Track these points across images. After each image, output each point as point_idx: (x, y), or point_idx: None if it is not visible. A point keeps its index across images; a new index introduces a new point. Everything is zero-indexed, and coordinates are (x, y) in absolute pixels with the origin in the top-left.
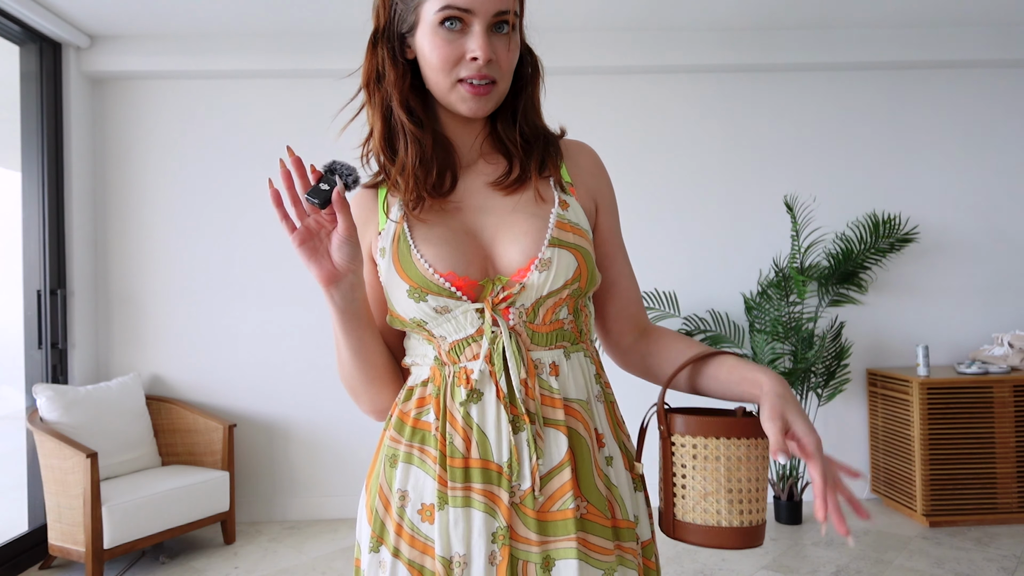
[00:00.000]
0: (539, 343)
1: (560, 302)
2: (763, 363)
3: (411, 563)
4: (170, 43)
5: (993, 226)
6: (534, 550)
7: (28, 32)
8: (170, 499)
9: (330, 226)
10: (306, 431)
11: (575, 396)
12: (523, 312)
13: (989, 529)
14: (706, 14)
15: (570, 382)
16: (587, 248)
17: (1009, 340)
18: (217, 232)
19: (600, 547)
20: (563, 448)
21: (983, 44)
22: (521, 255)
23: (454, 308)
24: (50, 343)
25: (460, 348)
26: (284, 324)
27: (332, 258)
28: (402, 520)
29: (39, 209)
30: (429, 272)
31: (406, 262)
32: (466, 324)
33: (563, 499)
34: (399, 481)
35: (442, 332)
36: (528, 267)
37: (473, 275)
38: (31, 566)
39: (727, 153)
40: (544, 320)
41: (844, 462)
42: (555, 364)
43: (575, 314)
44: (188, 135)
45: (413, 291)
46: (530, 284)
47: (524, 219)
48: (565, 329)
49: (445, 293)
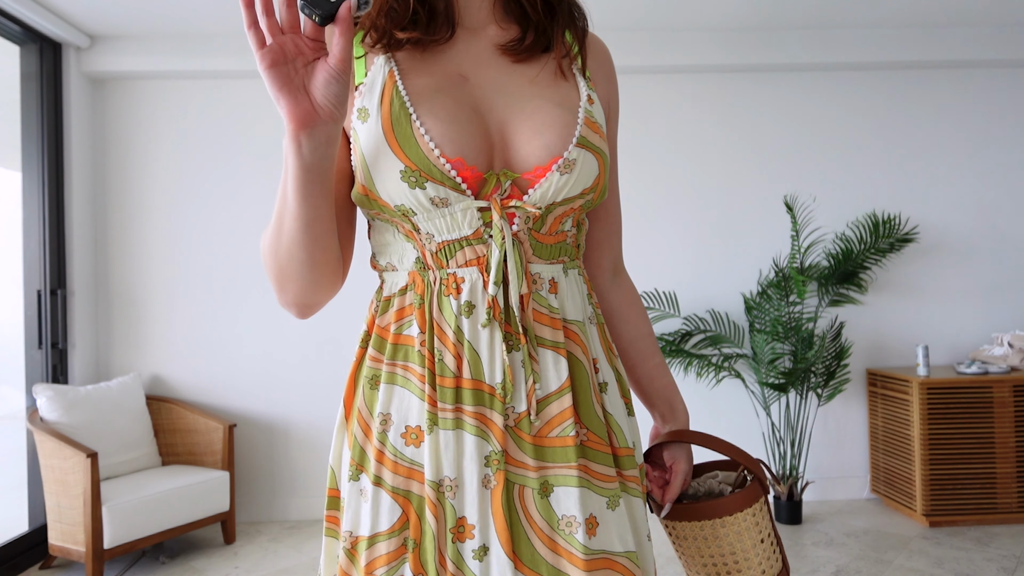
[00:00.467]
0: (541, 255)
1: (570, 212)
2: (763, 363)
3: (395, 490)
4: (170, 43)
5: (993, 226)
6: (531, 475)
7: (28, 32)
8: (170, 499)
9: (310, 54)
10: (306, 431)
11: (573, 317)
12: (530, 218)
13: (989, 529)
14: (706, 14)
15: (568, 301)
16: (607, 153)
17: (1009, 340)
18: (217, 232)
19: (603, 475)
20: (563, 373)
21: (983, 44)
22: (544, 151)
23: (454, 202)
24: (50, 343)
25: (450, 251)
26: (284, 324)
27: (312, 95)
28: (383, 446)
29: (39, 209)
30: (435, 155)
31: (405, 136)
32: (463, 223)
33: (562, 426)
34: (381, 404)
35: (431, 228)
36: (549, 167)
37: (480, 165)
38: (31, 566)
39: (727, 153)
40: (550, 230)
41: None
42: (554, 281)
43: (578, 227)
44: (188, 135)
45: (409, 173)
46: (547, 187)
47: (548, 108)
48: (567, 243)
49: (449, 183)
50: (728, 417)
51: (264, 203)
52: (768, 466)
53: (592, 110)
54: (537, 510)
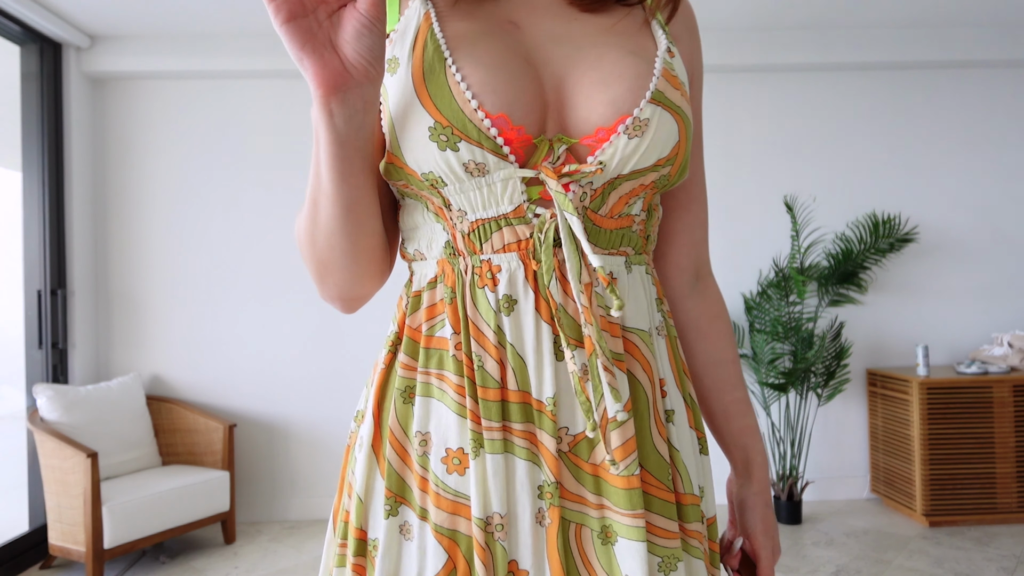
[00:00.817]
0: (598, 243)
1: (639, 190)
2: (763, 363)
3: (438, 529)
4: (170, 43)
5: (993, 226)
6: (592, 513)
7: (28, 32)
8: (170, 499)
9: (334, 2)
10: (306, 431)
11: (634, 324)
12: (588, 195)
13: (989, 529)
14: (706, 14)
15: (631, 304)
16: (690, 119)
17: (1009, 340)
18: (218, 232)
19: (663, 529)
20: (625, 392)
21: (983, 44)
22: (610, 108)
23: (494, 170)
24: (50, 343)
25: (485, 232)
26: (285, 324)
27: (342, 51)
28: (426, 471)
29: (39, 209)
30: (471, 107)
31: (438, 85)
32: (503, 196)
33: (627, 461)
34: (418, 421)
35: (464, 203)
36: (615, 128)
37: (529, 127)
38: (31, 566)
39: (727, 153)
40: (612, 212)
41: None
42: (614, 276)
43: (648, 213)
44: (188, 135)
45: (439, 130)
46: (611, 153)
47: (617, 55)
48: (633, 231)
49: (488, 144)
50: None
51: (265, 203)
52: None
53: (673, 63)
54: (597, 558)
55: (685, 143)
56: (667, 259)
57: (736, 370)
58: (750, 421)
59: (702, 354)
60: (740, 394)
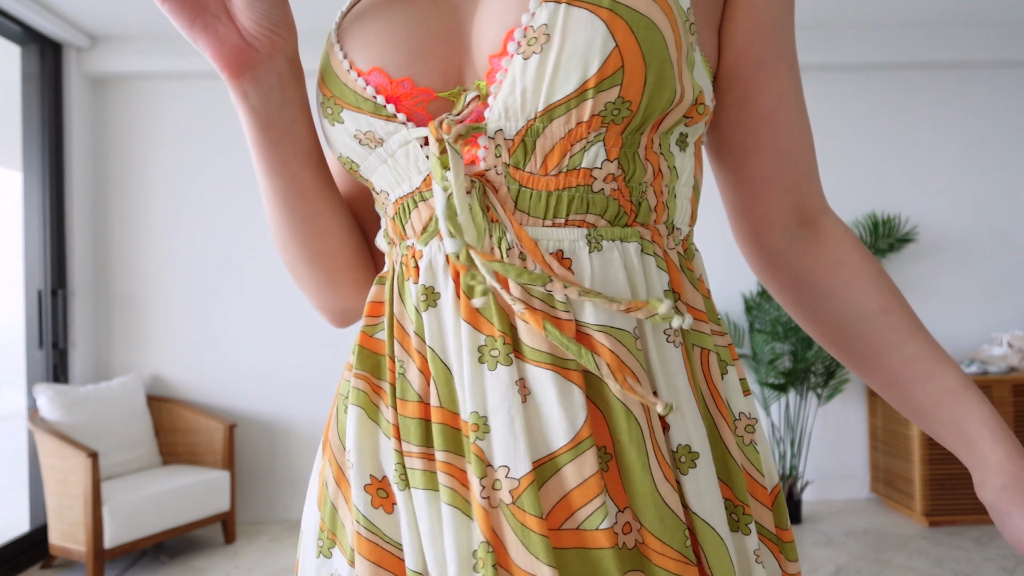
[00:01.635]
0: (532, 210)
1: (583, 130)
2: (763, 363)
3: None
4: (170, 43)
5: (993, 226)
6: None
7: (29, 32)
8: (170, 499)
9: None
10: (306, 431)
11: (606, 322)
12: (502, 147)
13: (989, 529)
14: None
15: (598, 291)
16: (649, 14)
17: (1008, 340)
18: (217, 232)
19: None
20: (578, 410)
21: (983, 44)
22: (496, 26)
23: (387, 136)
24: (51, 343)
25: (405, 212)
26: (284, 324)
27: (239, 22)
28: (349, 502)
29: (40, 209)
30: (343, 67)
31: (324, 58)
32: (409, 166)
33: (588, 509)
34: (351, 437)
35: (381, 183)
36: (503, 49)
37: (427, 78)
38: (32, 566)
39: None
40: (546, 167)
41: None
42: (563, 255)
43: (628, 163)
44: (188, 135)
45: (327, 104)
46: (510, 85)
47: None
48: (594, 189)
49: (367, 106)
50: None
51: None
52: None
53: None
54: None
55: (638, 48)
56: (752, 215)
57: (897, 319)
58: (948, 382)
59: (834, 316)
60: (914, 350)
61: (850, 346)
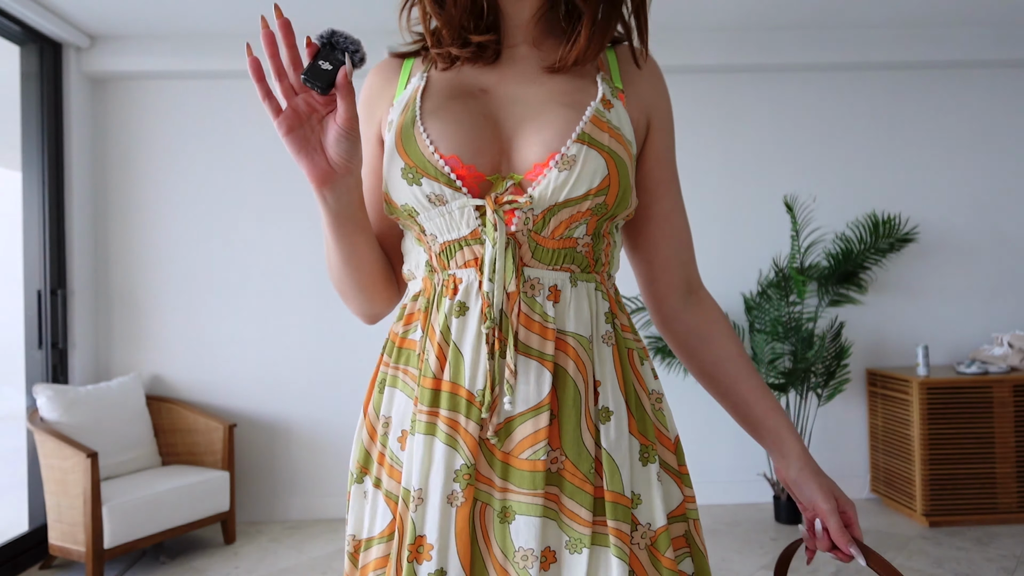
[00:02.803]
0: (542, 260)
1: (578, 216)
2: (763, 363)
3: (388, 495)
4: (170, 43)
5: (993, 226)
6: (496, 495)
7: (28, 32)
8: (170, 499)
9: (323, 110)
10: (306, 431)
11: (573, 330)
12: (530, 218)
13: (989, 529)
14: (706, 14)
15: (570, 312)
16: (623, 158)
17: (1009, 340)
18: (217, 232)
19: (573, 513)
20: (545, 387)
21: (983, 44)
22: (542, 147)
23: (450, 200)
24: (50, 343)
25: (451, 251)
26: (284, 324)
27: (327, 153)
28: (384, 448)
29: (39, 209)
30: (429, 150)
31: (407, 135)
32: (460, 222)
33: (535, 447)
34: (384, 407)
35: (433, 229)
36: (547, 163)
37: (482, 166)
38: (31, 566)
39: (727, 153)
40: (553, 234)
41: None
42: (557, 289)
43: (595, 238)
44: (188, 135)
45: (408, 170)
46: (545, 184)
47: (555, 109)
48: (577, 251)
49: (443, 179)
50: (728, 418)
51: (265, 203)
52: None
53: (604, 112)
54: (495, 535)
55: (617, 176)
56: (660, 281)
57: (745, 363)
58: (771, 403)
59: (710, 355)
60: (754, 382)
61: (717, 376)
